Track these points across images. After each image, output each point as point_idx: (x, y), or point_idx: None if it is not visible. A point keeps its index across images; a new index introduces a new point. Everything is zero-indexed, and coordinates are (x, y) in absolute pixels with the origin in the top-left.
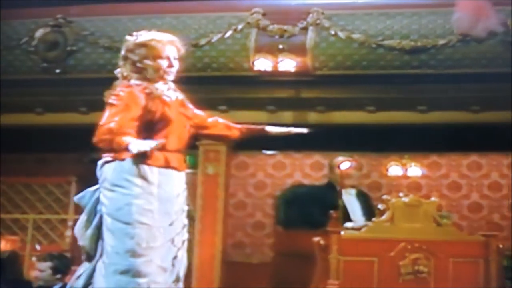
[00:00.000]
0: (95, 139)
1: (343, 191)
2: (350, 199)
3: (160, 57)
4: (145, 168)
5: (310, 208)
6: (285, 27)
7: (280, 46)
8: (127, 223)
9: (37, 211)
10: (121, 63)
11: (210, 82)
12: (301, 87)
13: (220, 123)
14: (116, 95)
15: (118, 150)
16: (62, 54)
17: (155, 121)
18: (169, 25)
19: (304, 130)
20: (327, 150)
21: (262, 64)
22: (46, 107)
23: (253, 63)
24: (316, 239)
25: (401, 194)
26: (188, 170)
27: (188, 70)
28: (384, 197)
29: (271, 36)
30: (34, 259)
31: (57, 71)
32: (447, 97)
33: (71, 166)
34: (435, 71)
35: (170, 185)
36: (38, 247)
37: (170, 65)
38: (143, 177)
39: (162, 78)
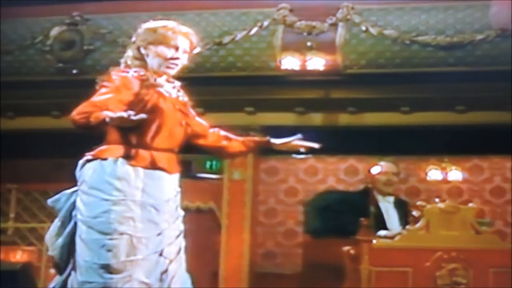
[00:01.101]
0: (73, 115)
1: (381, 198)
2: (387, 207)
3: (167, 45)
4: (128, 169)
5: (342, 216)
6: (314, 23)
7: (308, 44)
8: (104, 233)
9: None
10: (128, 50)
11: (235, 82)
12: (330, 87)
13: (221, 135)
14: (108, 79)
15: (94, 127)
16: (78, 54)
17: (146, 112)
18: (191, 22)
19: (315, 145)
20: (362, 153)
21: (289, 63)
22: (63, 110)
23: (279, 62)
24: (346, 248)
25: (436, 200)
26: (214, 176)
27: (211, 70)
28: (419, 203)
29: (299, 33)
30: (52, 271)
31: (74, 71)
32: (486, 96)
33: None
34: (472, 68)
35: (158, 190)
36: None
37: (175, 57)
38: (126, 180)
39: (162, 68)
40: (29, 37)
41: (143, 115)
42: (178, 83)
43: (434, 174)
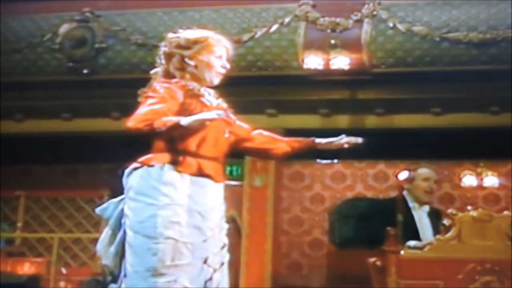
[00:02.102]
0: (132, 123)
1: (417, 206)
2: (421, 216)
3: (215, 56)
4: (175, 175)
5: (369, 225)
6: (338, 19)
7: (332, 42)
8: (150, 237)
9: (66, 230)
10: (162, 61)
11: (255, 82)
12: (356, 87)
13: (265, 136)
14: (152, 90)
15: (160, 133)
16: (90, 52)
17: None
18: (208, 19)
19: (359, 140)
20: (392, 158)
21: (313, 62)
22: (74, 112)
23: (302, 61)
24: (372, 260)
25: (469, 208)
26: (234, 182)
27: (230, 70)
28: (449, 211)
29: (322, 30)
30: (62, 284)
31: (85, 71)
32: None
33: (103, 178)
34: (507, 66)
35: (204, 196)
36: (63, 270)
37: (223, 66)
38: (172, 185)
39: (212, 78)
40: (37, 35)
41: (221, 113)
42: (213, 91)
43: (468, 179)
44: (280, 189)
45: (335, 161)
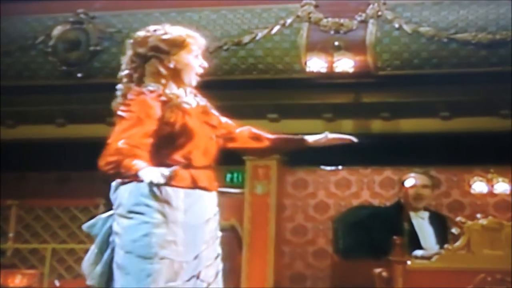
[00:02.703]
0: (100, 162)
1: (413, 214)
2: (421, 224)
3: (193, 55)
4: (168, 190)
5: (374, 234)
6: (341, 20)
7: (336, 43)
8: (144, 257)
9: (59, 240)
10: (133, 63)
11: (256, 86)
12: (361, 90)
13: (249, 133)
14: (126, 105)
15: (126, 176)
16: (84, 55)
17: (175, 134)
18: (207, 19)
19: (353, 139)
20: (399, 164)
21: (316, 64)
22: (68, 118)
23: (305, 63)
24: (377, 270)
25: (478, 216)
26: (234, 190)
27: (230, 72)
28: (458, 219)
29: (325, 31)
30: None
31: (79, 75)
32: None
33: (99, 186)
34: None
35: (199, 209)
36: (57, 282)
37: (201, 65)
38: (166, 202)
39: (192, 80)
40: (29, 37)
41: (176, 168)
42: (190, 89)
43: (478, 186)
44: (282, 197)
45: (340, 167)
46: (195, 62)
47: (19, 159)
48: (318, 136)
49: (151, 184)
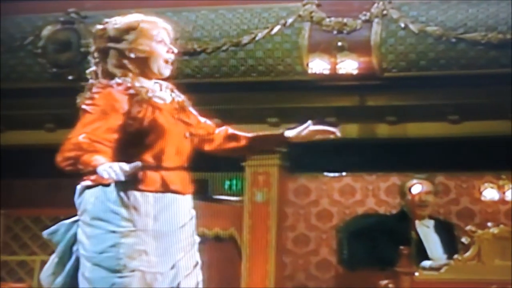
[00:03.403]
0: (58, 157)
1: (418, 222)
2: (426, 232)
3: (156, 41)
4: (136, 195)
5: (379, 243)
6: (345, 20)
7: (339, 44)
8: (113, 270)
9: (49, 252)
10: (95, 59)
11: (255, 89)
12: (366, 93)
13: (227, 133)
14: (90, 99)
15: (84, 173)
16: (75, 57)
17: (144, 132)
18: (205, 19)
19: (335, 130)
20: (406, 170)
21: (318, 66)
22: (58, 122)
23: (307, 65)
24: (383, 282)
25: (489, 224)
26: (233, 198)
27: (228, 74)
28: (468, 228)
29: (328, 31)
30: None
31: (70, 77)
32: None
33: None
34: None
35: (172, 215)
36: None
37: (170, 50)
38: (134, 208)
39: (161, 69)
40: (18, 38)
41: (138, 164)
42: (166, 83)
43: (489, 193)
44: (283, 205)
45: (344, 173)
46: (159, 48)
47: (7, 166)
48: (299, 128)
49: (114, 184)
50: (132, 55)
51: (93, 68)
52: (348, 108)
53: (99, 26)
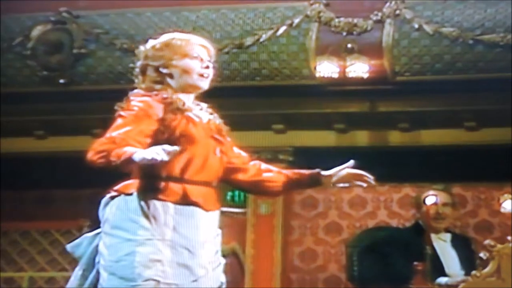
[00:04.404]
0: (89, 153)
1: (434, 236)
2: (443, 247)
3: (190, 56)
4: (156, 204)
5: (392, 259)
6: (355, 20)
7: (349, 46)
8: (127, 279)
9: (38, 268)
10: (138, 77)
11: (260, 94)
12: (377, 98)
13: (262, 168)
14: (127, 105)
15: (117, 167)
16: (67, 59)
17: (174, 141)
18: (205, 20)
19: (371, 179)
20: (420, 180)
21: (326, 69)
22: (49, 129)
23: (314, 68)
24: None
25: (509, 238)
26: (235, 210)
27: (231, 78)
28: (487, 242)
29: (337, 32)
30: None
31: (62, 81)
32: None
33: (83, 206)
34: None
35: (192, 229)
36: None
37: (206, 66)
38: (153, 217)
39: (196, 82)
40: (6, 38)
41: (176, 148)
42: (205, 105)
43: (509, 205)
44: (289, 218)
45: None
46: (193, 64)
47: None
48: (338, 168)
49: (135, 193)
50: (166, 71)
51: (137, 90)
52: (358, 114)
53: (143, 47)
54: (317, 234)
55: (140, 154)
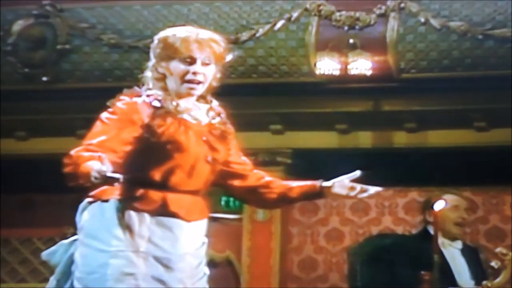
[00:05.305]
0: (64, 163)
1: (446, 243)
2: (454, 255)
3: (180, 59)
4: (131, 214)
5: (397, 268)
6: (357, 14)
7: (351, 41)
8: None
9: (18, 278)
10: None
11: (257, 92)
12: (381, 97)
13: (262, 177)
14: (112, 107)
15: (83, 182)
16: (51, 56)
17: (159, 147)
18: (198, 14)
19: (379, 189)
20: (427, 184)
21: (327, 66)
22: (31, 130)
23: (314, 65)
24: None
25: None
26: (230, 216)
27: (226, 75)
28: (498, 250)
29: (338, 27)
30: None
31: (45, 79)
32: None
33: (67, 212)
34: None
35: (170, 241)
36: None
37: (193, 71)
38: (128, 227)
39: (182, 89)
40: None
41: (118, 176)
42: (216, 103)
43: None
44: (288, 224)
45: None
46: (179, 69)
47: None
48: (341, 178)
49: (112, 200)
50: (161, 70)
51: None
52: (361, 114)
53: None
54: (318, 242)
55: (95, 171)
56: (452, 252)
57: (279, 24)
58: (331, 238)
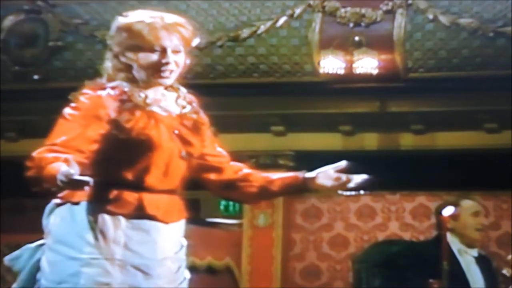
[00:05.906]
0: (27, 166)
1: (463, 249)
2: (469, 263)
3: (147, 49)
4: (105, 217)
5: (405, 277)
6: (363, 10)
7: (356, 39)
8: None
9: (7, 285)
10: (106, 55)
11: (258, 91)
12: (388, 97)
13: (241, 169)
14: (76, 102)
15: (49, 186)
16: (42, 53)
17: (130, 144)
18: (197, 9)
19: (365, 176)
20: (435, 188)
21: (331, 64)
22: (21, 131)
23: (318, 63)
24: None
25: None
26: (230, 221)
27: (225, 75)
28: (510, 257)
29: (343, 24)
30: None
31: (36, 77)
32: None
33: None
34: None
35: (147, 245)
36: None
37: (164, 62)
38: (101, 233)
39: (152, 79)
40: None
41: (88, 179)
42: (184, 92)
43: None
44: (290, 230)
45: (362, 192)
46: (148, 59)
47: None
48: (324, 168)
49: (84, 202)
50: (124, 60)
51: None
52: (367, 115)
53: (119, 18)
54: (321, 249)
55: (61, 173)
56: (468, 260)
57: (281, 20)
58: (335, 244)
